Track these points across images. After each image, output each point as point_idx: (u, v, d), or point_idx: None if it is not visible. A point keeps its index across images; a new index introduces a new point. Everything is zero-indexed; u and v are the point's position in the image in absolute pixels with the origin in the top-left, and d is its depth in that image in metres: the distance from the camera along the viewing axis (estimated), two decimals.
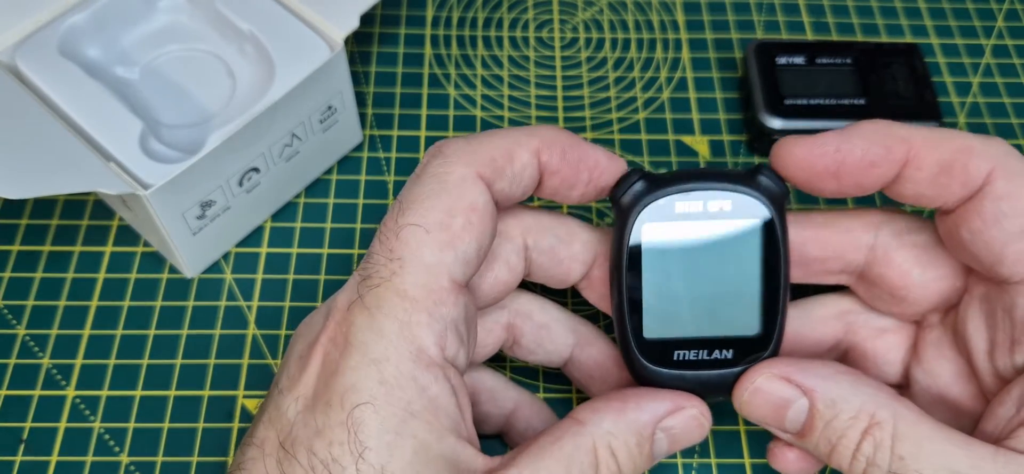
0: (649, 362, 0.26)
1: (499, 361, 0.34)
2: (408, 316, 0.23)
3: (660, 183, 0.26)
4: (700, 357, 0.26)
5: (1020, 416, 0.24)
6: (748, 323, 0.26)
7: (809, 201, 0.38)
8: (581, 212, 0.38)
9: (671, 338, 0.26)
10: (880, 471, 0.24)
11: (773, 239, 0.26)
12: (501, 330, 0.29)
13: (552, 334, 0.30)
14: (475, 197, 0.24)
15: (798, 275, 0.28)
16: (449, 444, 0.23)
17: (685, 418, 0.26)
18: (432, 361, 0.23)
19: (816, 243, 0.28)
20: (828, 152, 0.25)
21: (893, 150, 0.25)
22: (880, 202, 0.39)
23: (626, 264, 0.26)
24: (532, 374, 0.33)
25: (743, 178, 0.26)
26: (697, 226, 0.26)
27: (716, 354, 0.27)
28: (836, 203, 0.38)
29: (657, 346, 0.26)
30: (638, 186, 0.26)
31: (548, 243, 0.28)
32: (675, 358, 0.26)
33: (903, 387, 0.29)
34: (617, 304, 0.27)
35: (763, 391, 0.25)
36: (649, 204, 0.26)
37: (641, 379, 0.27)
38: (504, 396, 0.30)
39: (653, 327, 0.26)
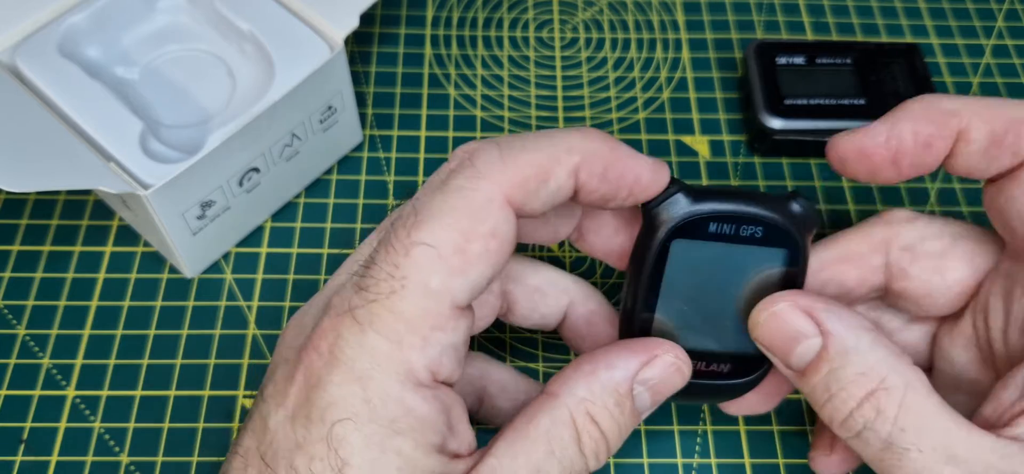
0: None
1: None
2: (400, 337, 0.22)
3: (697, 199, 0.25)
4: (697, 367, 0.27)
5: (1023, 403, 0.23)
6: (751, 343, 0.26)
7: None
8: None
9: None
10: (876, 437, 0.23)
11: (793, 268, 0.26)
12: (495, 300, 0.29)
13: (546, 297, 0.29)
14: (498, 223, 0.23)
15: None
16: (436, 460, 0.22)
17: (662, 366, 0.25)
18: (420, 383, 0.22)
19: (834, 282, 0.27)
20: (880, 143, 0.25)
21: (945, 126, 0.24)
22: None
23: (648, 274, 0.26)
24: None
25: (779, 205, 0.25)
26: (724, 248, 0.26)
27: (714, 366, 0.27)
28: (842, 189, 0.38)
29: None
30: (676, 199, 0.25)
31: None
32: None
33: (927, 371, 0.29)
34: (629, 306, 0.26)
35: (780, 318, 0.24)
36: (683, 222, 0.25)
37: None
38: (516, 389, 0.30)
39: (659, 336, 0.26)
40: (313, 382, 0.22)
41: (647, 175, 0.24)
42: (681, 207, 0.25)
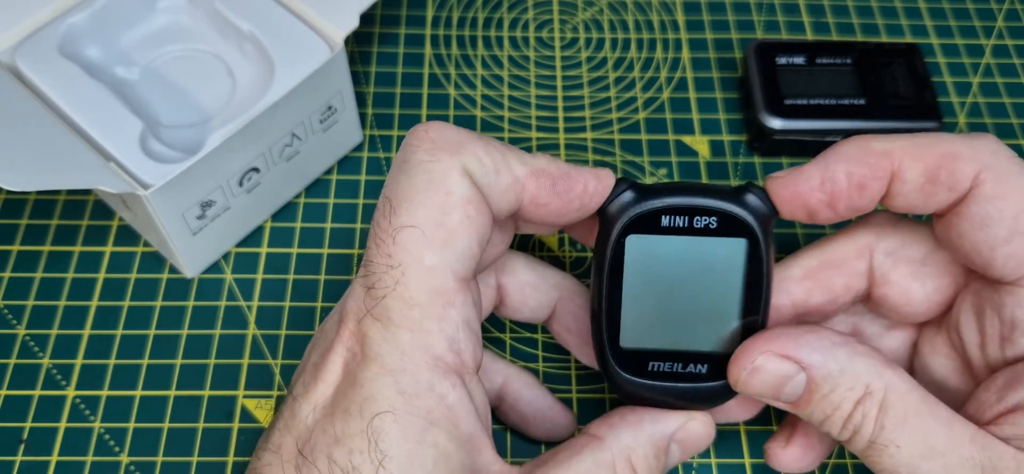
0: (623, 370, 0.26)
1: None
2: (419, 323, 0.23)
3: (647, 195, 0.26)
4: (674, 369, 0.27)
5: (1003, 404, 0.24)
6: (725, 341, 0.26)
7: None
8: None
9: (646, 349, 0.26)
10: (862, 439, 0.24)
11: (756, 259, 0.26)
12: (491, 291, 0.30)
13: (536, 291, 0.30)
14: (466, 190, 0.24)
15: (817, 320, 0.29)
16: (469, 451, 0.23)
17: (696, 427, 0.27)
18: (449, 368, 0.23)
19: (820, 289, 0.28)
20: (814, 186, 0.25)
21: (877, 167, 0.24)
22: None
23: (607, 273, 0.26)
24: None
25: (731, 196, 0.25)
26: (681, 241, 0.26)
27: (690, 368, 0.27)
28: None
29: (632, 355, 0.26)
30: (625, 196, 0.26)
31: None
32: (649, 368, 0.27)
33: None
34: (595, 310, 0.27)
35: (762, 370, 0.25)
36: (635, 216, 0.26)
37: (614, 385, 0.27)
38: (493, 370, 0.31)
39: (630, 337, 0.26)
40: (349, 380, 0.23)
41: (593, 183, 0.26)
42: (630, 203, 0.26)
